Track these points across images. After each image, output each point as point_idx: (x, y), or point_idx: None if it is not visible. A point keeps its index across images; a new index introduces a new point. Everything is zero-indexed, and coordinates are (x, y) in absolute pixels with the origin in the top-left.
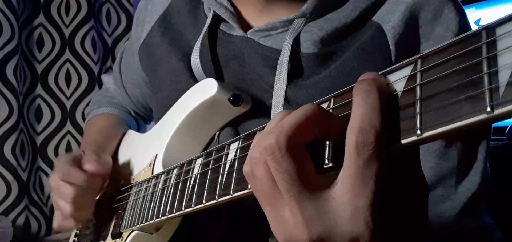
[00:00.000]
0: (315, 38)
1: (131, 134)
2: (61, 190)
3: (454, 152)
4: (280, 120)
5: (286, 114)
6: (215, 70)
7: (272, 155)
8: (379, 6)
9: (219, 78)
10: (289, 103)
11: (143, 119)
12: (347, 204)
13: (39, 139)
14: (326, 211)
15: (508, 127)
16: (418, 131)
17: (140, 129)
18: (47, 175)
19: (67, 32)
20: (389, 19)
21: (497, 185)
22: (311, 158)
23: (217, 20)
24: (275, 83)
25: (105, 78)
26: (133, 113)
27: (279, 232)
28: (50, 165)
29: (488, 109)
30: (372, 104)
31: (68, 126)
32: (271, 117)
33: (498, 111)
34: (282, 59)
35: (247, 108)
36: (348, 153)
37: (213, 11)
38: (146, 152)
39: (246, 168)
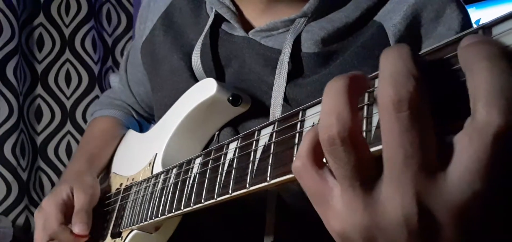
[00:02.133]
0: (316, 38)
1: (131, 134)
2: (37, 236)
3: None
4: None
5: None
6: (216, 70)
7: (410, 109)
8: (381, 5)
9: (220, 78)
10: (289, 102)
11: (146, 120)
12: (465, 183)
13: (39, 139)
14: (440, 186)
15: None
16: None
17: (143, 131)
18: (47, 175)
19: (67, 32)
20: (391, 18)
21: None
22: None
23: (219, 19)
24: (274, 82)
25: (112, 77)
26: (135, 115)
27: (358, 220)
28: (50, 165)
29: None
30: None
31: (68, 126)
32: (270, 117)
33: None
34: (282, 58)
35: (247, 108)
36: (477, 131)
37: (215, 10)
38: (146, 151)
39: (324, 136)
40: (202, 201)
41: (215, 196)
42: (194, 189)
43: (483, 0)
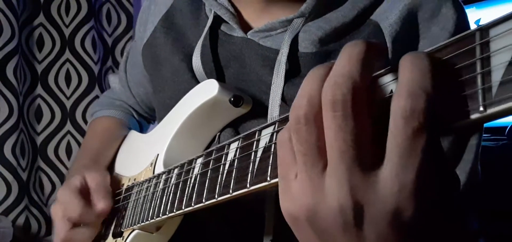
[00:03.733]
0: (314, 38)
1: (133, 135)
2: (59, 228)
3: None
4: (349, 63)
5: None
6: (216, 70)
7: (343, 111)
8: (377, 5)
9: (220, 78)
10: (286, 102)
11: (146, 120)
12: (395, 178)
13: (39, 139)
14: (373, 183)
15: (508, 127)
16: None
17: (143, 131)
18: (47, 175)
19: (67, 32)
20: (387, 18)
21: (497, 185)
22: (371, 125)
23: (218, 21)
24: (272, 82)
25: (111, 77)
26: (136, 115)
27: (309, 201)
28: (50, 165)
29: (481, 108)
30: (423, 69)
31: (68, 126)
32: (268, 116)
33: (490, 110)
34: (280, 58)
35: (248, 108)
36: (394, 121)
37: (214, 12)
38: (147, 152)
39: (283, 134)
40: (203, 201)
41: (216, 196)
42: (195, 189)
43: (483, 0)
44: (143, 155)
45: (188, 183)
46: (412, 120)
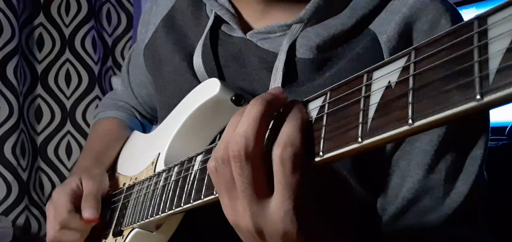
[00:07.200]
0: (312, 44)
1: (136, 135)
2: (49, 227)
3: (442, 165)
4: (248, 123)
5: (255, 112)
6: (217, 70)
7: (239, 162)
8: (376, 14)
9: (221, 78)
10: None
11: (149, 121)
12: (280, 207)
13: (39, 139)
14: (267, 212)
15: (508, 127)
16: (410, 121)
17: (146, 132)
18: (47, 175)
19: (67, 32)
20: (385, 31)
21: (497, 185)
22: (265, 169)
23: (218, 21)
24: (270, 87)
25: (114, 79)
26: (138, 116)
27: (232, 218)
28: (50, 165)
29: (478, 96)
30: (296, 127)
31: (68, 126)
32: None
33: (487, 98)
34: (277, 64)
35: None
36: (275, 164)
37: (215, 12)
38: (149, 151)
39: (210, 164)
40: (202, 197)
41: (215, 192)
42: (194, 186)
43: (483, 0)
44: (145, 155)
45: (188, 180)
46: (286, 164)
